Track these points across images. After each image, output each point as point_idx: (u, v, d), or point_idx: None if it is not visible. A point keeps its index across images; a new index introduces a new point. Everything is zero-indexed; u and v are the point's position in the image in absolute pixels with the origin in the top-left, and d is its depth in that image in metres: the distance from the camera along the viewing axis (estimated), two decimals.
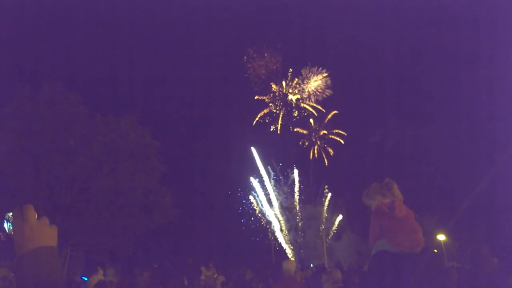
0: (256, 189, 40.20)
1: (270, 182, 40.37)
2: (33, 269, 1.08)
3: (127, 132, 18.23)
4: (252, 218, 40.77)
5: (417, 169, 35.98)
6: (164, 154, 19.53)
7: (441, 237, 27.52)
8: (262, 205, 40.31)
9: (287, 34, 44.67)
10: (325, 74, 41.23)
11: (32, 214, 1.15)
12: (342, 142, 41.91)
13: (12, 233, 1.19)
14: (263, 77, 41.69)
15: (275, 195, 40.17)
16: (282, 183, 40.57)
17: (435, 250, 26.79)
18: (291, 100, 42.19)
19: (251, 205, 40.67)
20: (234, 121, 41.79)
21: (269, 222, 39.99)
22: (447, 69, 37.18)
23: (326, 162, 41.74)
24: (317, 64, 41.45)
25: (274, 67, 41.53)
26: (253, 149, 40.52)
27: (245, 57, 41.60)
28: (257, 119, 42.16)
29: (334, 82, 41.34)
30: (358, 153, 40.52)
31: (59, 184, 17.17)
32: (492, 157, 27.24)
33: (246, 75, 41.85)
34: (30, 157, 16.44)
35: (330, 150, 42.23)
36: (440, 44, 39.26)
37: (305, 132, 42.40)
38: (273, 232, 38.98)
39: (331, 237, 38.37)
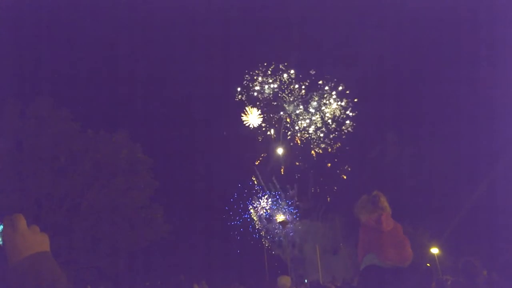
0: (255, 205, 40.12)
1: (270, 198, 40.37)
2: (32, 276, 1.07)
3: (119, 148, 18.08)
4: (249, 233, 40.57)
5: (412, 183, 36.06)
6: (160, 169, 19.36)
7: (434, 250, 27.42)
8: (259, 220, 40.14)
9: (290, 56, 44.60)
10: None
11: (22, 222, 1.15)
12: (345, 177, 41.58)
13: (2, 243, 1.18)
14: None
15: (274, 210, 40.07)
16: (283, 198, 40.52)
17: (428, 264, 26.69)
18: (297, 141, 42.01)
19: (248, 220, 40.49)
20: (236, 138, 41.55)
21: (265, 237, 39.73)
22: (446, 82, 37.44)
23: (328, 199, 41.27)
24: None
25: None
26: (256, 172, 40.56)
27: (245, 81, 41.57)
28: (259, 161, 41.97)
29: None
30: (355, 167, 40.60)
31: (48, 202, 16.87)
32: (488, 170, 27.44)
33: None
34: (18, 174, 16.17)
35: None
36: (432, 48, 39.75)
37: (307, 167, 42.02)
38: (268, 247, 38.66)
39: (327, 252, 38.11)
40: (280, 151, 41.60)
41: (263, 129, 41.96)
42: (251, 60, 42.05)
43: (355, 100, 41.41)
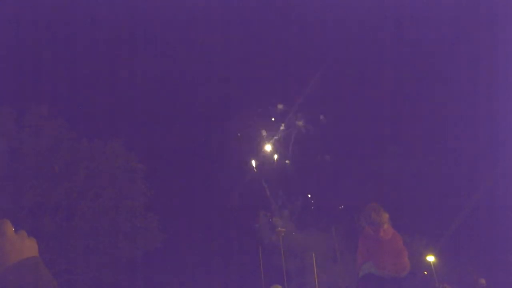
0: (258, 213, 40.12)
1: (273, 207, 40.40)
2: (21, 281, 1.03)
3: (113, 157, 18.03)
4: (248, 242, 40.46)
5: (408, 191, 36.01)
6: (156, 177, 19.27)
7: (430, 258, 27.32)
8: (260, 229, 40.07)
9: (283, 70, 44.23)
10: None
11: (9, 227, 1.10)
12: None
13: None
14: None
15: (276, 220, 40.01)
16: (288, 209, 40.54)
17: (425, 272, 26.65)
18: None
19: (248, 229, 40.44)
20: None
21: (263, 246, 39.61)
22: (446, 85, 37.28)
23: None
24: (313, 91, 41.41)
25: None
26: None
27: None
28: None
29: (330, 105, 41.42)
30: (354, 177, 40.52)
31: (42, 210, 16.73)
32: (488, 174, 27.46)
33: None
34: (13, 183, 16.06)
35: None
36: (431, 51, 39.75)
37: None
38: (266, 255, 38.49)
39: (326, 260, 38.01)
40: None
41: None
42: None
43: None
